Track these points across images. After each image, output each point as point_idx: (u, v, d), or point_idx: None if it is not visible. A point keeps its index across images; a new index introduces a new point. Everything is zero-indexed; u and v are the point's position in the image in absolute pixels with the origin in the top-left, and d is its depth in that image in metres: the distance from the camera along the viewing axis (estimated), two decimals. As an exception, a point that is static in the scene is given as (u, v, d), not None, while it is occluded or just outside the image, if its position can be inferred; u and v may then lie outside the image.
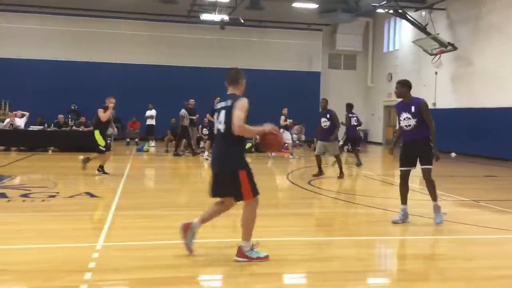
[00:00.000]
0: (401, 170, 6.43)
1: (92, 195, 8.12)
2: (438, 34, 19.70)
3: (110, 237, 5.39)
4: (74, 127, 17.99)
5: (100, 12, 23.14)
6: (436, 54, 19.89)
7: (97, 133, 10.78)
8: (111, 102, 10.72)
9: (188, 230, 4.58)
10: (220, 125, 4.44)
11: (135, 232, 5.70)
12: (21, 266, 4.33)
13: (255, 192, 4.44)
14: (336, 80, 26.66)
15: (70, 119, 18.85)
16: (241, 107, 4.32)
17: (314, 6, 21.85)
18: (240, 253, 4.51)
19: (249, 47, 25.19)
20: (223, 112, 4.41)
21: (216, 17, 21.81)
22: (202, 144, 17.61)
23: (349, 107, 14.27)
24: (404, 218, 6.38)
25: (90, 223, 6.45)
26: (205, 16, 22.02)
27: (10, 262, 4.45)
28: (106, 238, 5.32)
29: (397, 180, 9.87)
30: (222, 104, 4.49)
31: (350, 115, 14.14)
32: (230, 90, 4.58)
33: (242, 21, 22.36)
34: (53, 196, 7.89)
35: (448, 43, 19.30)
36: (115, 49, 23.72)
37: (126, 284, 4.06)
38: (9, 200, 7.48)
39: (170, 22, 24.07)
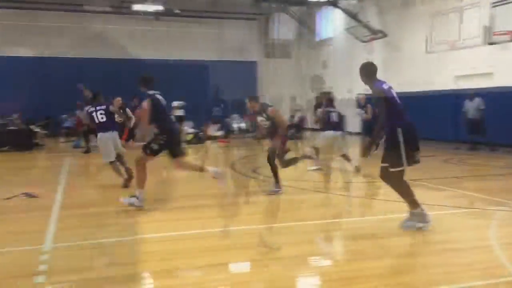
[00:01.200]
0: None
1: (30, 195, 7.78)
2: (368, 21, 20.38)
3: (58, 238, 5.23)
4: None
5: (25, 3, 21.95)
6: (367, 41, 20.58)
7: None
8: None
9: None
10: None
11: (83, 232, 5.55)
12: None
13: None
14: (272, 69, 26.93)
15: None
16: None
17: (248, -5, 21.95)
18: None
19: (184, 38, 24.86)
20: None
21: (149, 7, 21.37)
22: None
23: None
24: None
25: (32, 224, 6.18)
26: (137, 7, 21.50)
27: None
28: (54, 239, 5.16)
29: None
30: None
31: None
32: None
33: (178, 11, 22.06)
34: (-12, 199, 7.50)
35: (378, 30, 20.02)
36: (42, 42, 22.56)
37: (83, 284, 3.97)
38: None
39: (101, 13, 23.24)
